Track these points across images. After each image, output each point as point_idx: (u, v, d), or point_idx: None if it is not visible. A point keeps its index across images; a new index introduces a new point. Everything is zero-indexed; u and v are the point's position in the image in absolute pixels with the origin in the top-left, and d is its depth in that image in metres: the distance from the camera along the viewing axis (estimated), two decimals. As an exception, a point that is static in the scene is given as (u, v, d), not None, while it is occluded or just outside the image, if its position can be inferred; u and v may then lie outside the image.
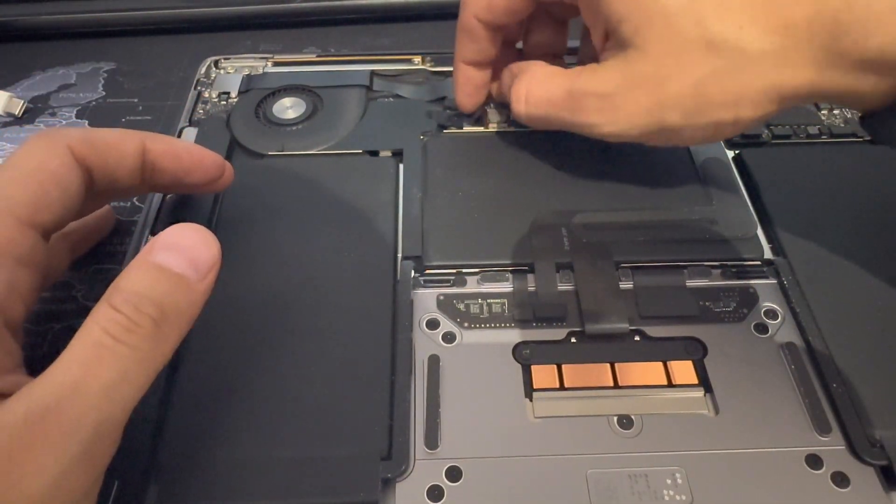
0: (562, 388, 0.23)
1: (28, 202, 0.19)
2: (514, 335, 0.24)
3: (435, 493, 0.20)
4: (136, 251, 0.27)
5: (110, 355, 0.16)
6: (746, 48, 0.22)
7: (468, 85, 0.31)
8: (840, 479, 0.20)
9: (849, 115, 0.33)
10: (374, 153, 0.31)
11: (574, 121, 0.26)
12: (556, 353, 0.24)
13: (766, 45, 0.22)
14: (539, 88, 0.27)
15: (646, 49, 0.24)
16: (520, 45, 0.32)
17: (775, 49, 0.22)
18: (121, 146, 0.22)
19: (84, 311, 0.27)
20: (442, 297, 0.25)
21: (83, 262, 0.28)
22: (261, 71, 0.36)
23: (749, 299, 0.25)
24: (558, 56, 0.32)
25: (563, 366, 0.23)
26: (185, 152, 0.24)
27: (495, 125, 0.32)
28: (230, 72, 0.36)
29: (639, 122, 0.24)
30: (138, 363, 0.17)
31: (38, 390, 0.16)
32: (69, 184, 0.21)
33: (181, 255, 0.18)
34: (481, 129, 0.32)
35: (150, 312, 0.17)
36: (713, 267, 0.26)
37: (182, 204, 0.28)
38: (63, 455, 0.16)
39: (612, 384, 0.23)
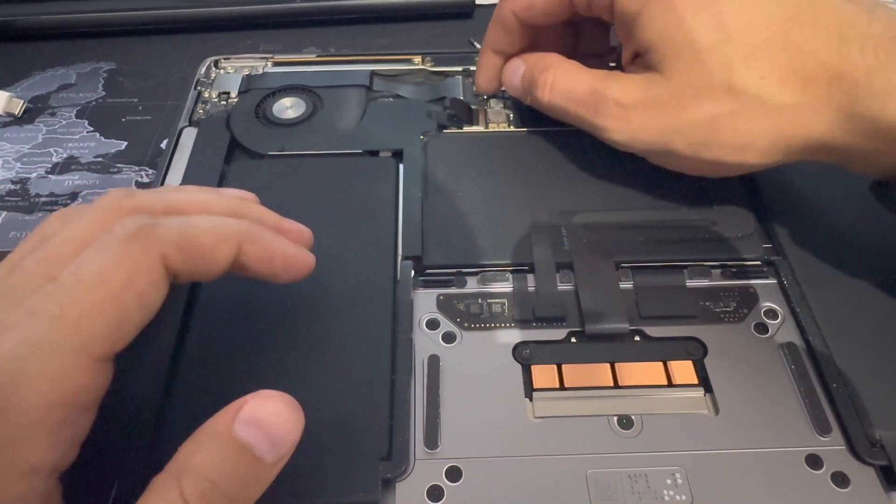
0: (562, 388, 0.23)
1: (107, 336, 0.17)
2: (514, 335, 0.24)
3: (435, 493, 0.20)
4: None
5: None
6: (765, 98, 0.23)
7: (490, 70, 0.32)
8: (840, 479, 0.20)
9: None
10: (374, 153, 0.31)
11: (589, 119, 0.27)
12: (556, 353, 0.24)
13: (784, 98, 0.23)
14: (565, 80, 0.27)
15: (669, 77, 0.24)
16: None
17: (793, 103, 0.23)
18: (216, 252, 0.19)
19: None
20: (442, 298, 0.25)
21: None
22: (261, 71, 0.36)
23: (749, 299, 0.25)
24: (598, 56, 0.32)
25: (563, 366, 0.23)
26: (279, 257, 0.21)
27: (495, 125, 0.32)
28: (230, 72, 0.36)
29: (647, 139, 0.25)
30: None
31: None
32: (152, 304, 0.18)
33: (265, 434, 0.16)
34: (481, 129, 0.32)
35: None
36: (713, 267, 0.26)
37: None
38: None
39: (612, 384, 0.23)
